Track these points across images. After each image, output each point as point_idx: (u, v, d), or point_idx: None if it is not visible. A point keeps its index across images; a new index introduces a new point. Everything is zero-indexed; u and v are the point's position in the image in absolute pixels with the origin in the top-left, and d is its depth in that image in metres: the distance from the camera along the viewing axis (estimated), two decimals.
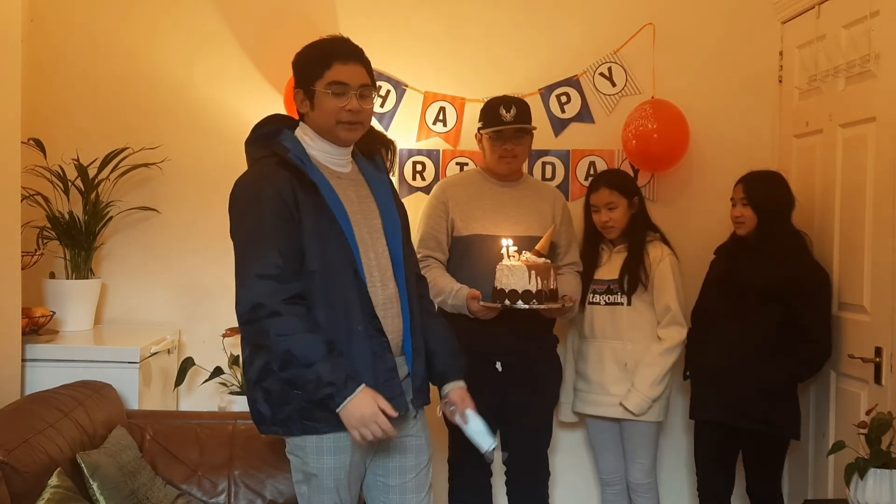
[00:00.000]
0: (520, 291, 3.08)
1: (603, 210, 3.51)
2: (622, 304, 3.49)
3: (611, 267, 3.54)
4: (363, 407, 2.30)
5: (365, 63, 2.51)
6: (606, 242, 3.59)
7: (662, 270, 3.47)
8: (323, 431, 2.40)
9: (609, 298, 3.51)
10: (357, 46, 2.52)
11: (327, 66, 2.45)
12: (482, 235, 3.34)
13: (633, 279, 3.47)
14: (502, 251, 3.17)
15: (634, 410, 3.42)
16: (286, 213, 2.37)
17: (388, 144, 2.73)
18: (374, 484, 2.59)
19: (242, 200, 2.44)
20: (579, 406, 3.62)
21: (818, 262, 3.40)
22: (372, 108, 2.54)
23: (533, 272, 3.08)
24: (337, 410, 2.30)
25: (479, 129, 3.46)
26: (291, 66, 2.56)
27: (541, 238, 3.32)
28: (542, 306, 3.12)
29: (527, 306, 3.10)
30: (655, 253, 3.51)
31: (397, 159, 3.51)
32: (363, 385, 2.32)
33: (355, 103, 2.46)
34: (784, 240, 3.37)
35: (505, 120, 3.34)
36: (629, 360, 3.47)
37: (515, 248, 3.16)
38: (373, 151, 2.66)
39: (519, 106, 3.39)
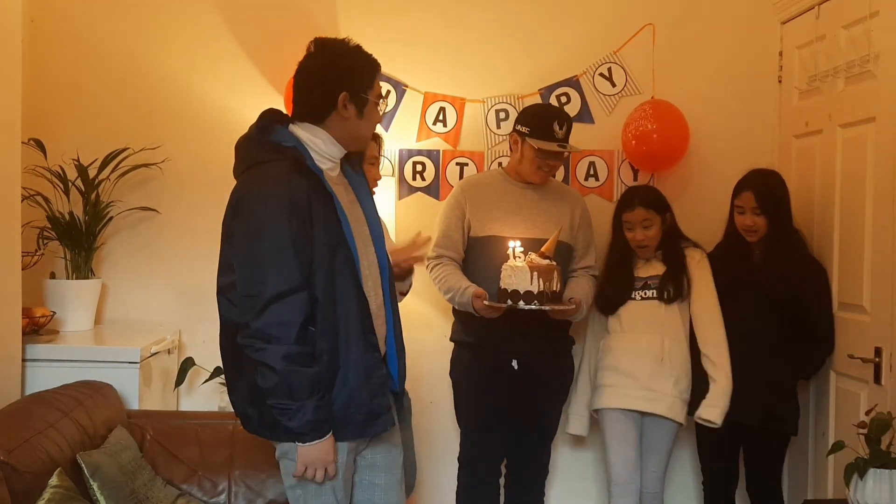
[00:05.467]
0: (521, 292, 3.11)
1: (638, 228, 3.46)
2: (656, 299, 3.46)
3: (647, 267, 3.51)
4: (325, 452, 2.37)
5: None
6: (636, 255, 3.55)
7: (702, 273, 3.46)
8: (305, 441, 2.37)
9: (644, 294, 3.48)
10: None
11: (375, 77, 2.47)
12: (497, 237, 3.34)
13: (677, 289, 3.44)
14: (508, 252, 3.18)
15: (717, 421, 3.34)
16: (302, 228, 2.33)
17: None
18: (360, 483, 2.58)
19: (258, 213, 2.33)
20: (604, 400, 3.49)
21: (817, 259, 3.41)
22: None
23: (535, 273, 3.10)
24: (301, 444, 2.35)
25: (522, 132, 3.35)
26: (334, 67, 2.42)
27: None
28: (543, 307, 3.13)
29: (529, 307, 3.11)
30: (692, 257, 3.50)
31: (384, 152, 3.48)
32: (331, 432, 2.38)
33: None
34: (789, 240, 3.38)
35: (558, 137, 3.31)
36: (665, 356, 3.42)
37: (522, 248, 3.18)
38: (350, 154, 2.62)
39: (569, 123, 3.39)
